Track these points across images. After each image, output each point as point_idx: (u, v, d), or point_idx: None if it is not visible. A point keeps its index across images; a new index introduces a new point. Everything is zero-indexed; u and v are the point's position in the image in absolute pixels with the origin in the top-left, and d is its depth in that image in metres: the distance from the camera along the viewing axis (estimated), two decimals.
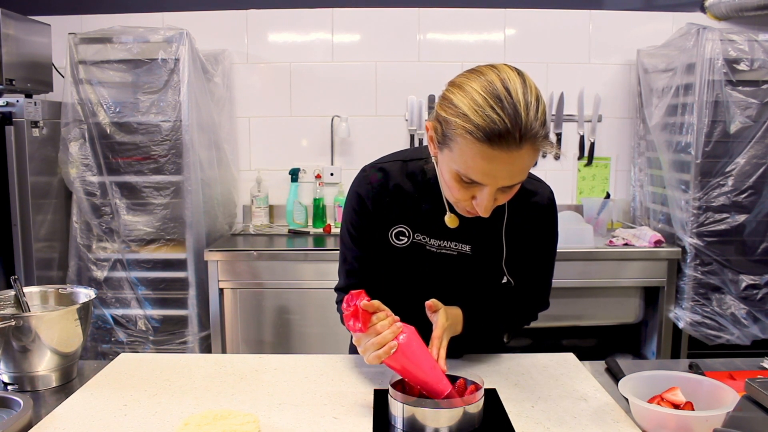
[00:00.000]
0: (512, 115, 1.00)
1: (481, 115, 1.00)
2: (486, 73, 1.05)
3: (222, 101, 3.08)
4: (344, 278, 1.41)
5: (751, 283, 2.63)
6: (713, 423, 0.98)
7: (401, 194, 1.32)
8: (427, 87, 3.22)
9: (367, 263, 1.37)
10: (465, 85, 1.05)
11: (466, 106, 1.02)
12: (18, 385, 1.24)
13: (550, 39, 3.21)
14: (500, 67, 1.06)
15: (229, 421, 1.04)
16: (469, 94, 1.03)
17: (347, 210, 1.37)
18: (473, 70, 1.08)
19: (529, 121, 1.00)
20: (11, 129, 2.54)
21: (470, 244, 1.32)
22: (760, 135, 2.56)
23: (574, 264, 2.66)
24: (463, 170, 1.07)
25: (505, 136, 1.00)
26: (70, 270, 2.78)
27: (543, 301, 1.43)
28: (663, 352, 2.77)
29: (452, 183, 1.12)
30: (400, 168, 1.33)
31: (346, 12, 3.20)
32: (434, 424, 1.05)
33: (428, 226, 1.32)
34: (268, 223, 3.23)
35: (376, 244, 1.34)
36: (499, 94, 1.01)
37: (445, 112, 1.07)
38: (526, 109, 1.01)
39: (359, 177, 1.36)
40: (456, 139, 1.05)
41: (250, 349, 2.76)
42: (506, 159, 1.02)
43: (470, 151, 1.03)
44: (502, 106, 1.00)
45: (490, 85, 1.02)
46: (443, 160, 1.12)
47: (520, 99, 1.01)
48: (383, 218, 1.33)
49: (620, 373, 1.28)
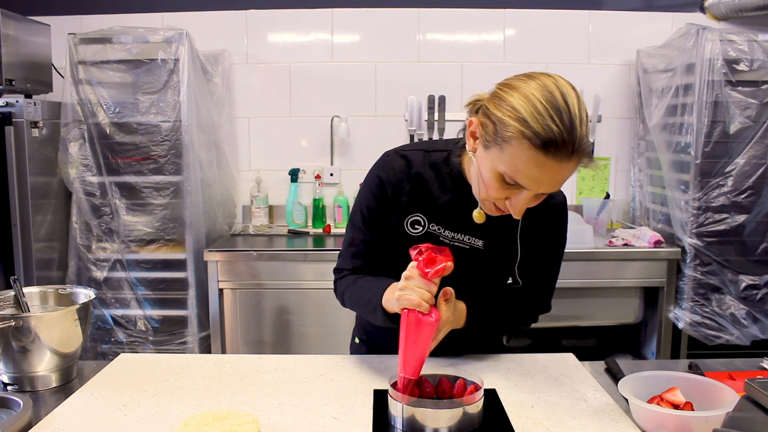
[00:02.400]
0: (569, 128, 1.04)
1: (541, 123, 1.03)
2: (544, 81, 1.08)
3: (221, 101, 3.08)
4: (349, 260, 1.40)
5: (750, 283, 2.63)
6: (713, 423, 0.98)
7: (421, 183, 1.32)
8: (426, 87, 3.22)
9: (375, 248, 1.37)
10: (523, 88, 1.08)
11: (527, 111, 1.05)
12: (18, 386, 1.24)
13: (549, 39, 3.21)
14: (556, 77, 1.09)
15: (229, 422, 1.04)
16: (529, 100, 1.05)
17: (364, 193, 1.37)
18: (529, 75, 1.11)
19: (582, 136, 1.05)
20: (11, 129, 2.54)
21: (483, 240, 1.33)
22: (760, 135, 2.56)
23: (574, 264, 2.66)
24: (510, 172, 1.09)
25: (560, 147, 1.04)
26: (70, 270, 2.78)
27: (545, 304, 1.44)
28: (663, 353, 2.77)
29: (492, 182, 1.13)
30: (422, 157, 1.34)
31: (345, 12, 3.20)
32: (434, 424, 1.05)
33: (444, 217, 1.32)
34: (267, 224, 3.23)
35: (388, 229, 1.34)
36: (559, 105, 1.04)
37: (500, 112, 1.08)
38: (581, 124, 1.05)
39: (381, 161, 1.37)
40: (511, 142, 1.06)
41: (249, 350, 2.76)
42: (556, 168, 1.06)
43: (524, 155, 1.06)
44: (561, 118, 1.04)
45: (550, 95, 1.05)
46: (487, 158, 1.13)
47: (576, 113, 1.05)
48: (401, 205, 1.33)
49: (620, 373, 1.28)
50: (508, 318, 1.41)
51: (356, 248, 1.39)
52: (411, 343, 1.10)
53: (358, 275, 1.38)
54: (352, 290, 1.37)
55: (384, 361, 1.38)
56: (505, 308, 1.39)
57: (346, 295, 1.39)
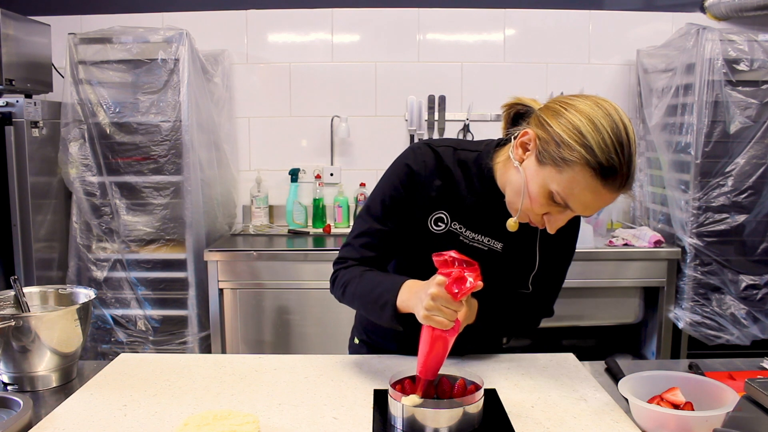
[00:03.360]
0: (627, 163, 1.07)
1: (606, 154, 1.05)
2: (606, 108, 1.09)
3: (222, 101, 3.08)
4: (357, 249, 1.33)
5: (750, 283, 2.63)
6: (713, 423, 0.98)
7: (450, 180, 1.31)
8: (426, 87, 3.22)
9: (389, 240, 1.33)
10: (587, 112, 1.08)
11: (593, 140, 1.06)
12: (18, 386, 1.24)
13: (549, 39, 3.21)
14: (614, 104, 1.11)
15: (229, 422, 1.04)
16: (596, 127, 1.06)
17: (389, 181, 1.32)
18: (588, 97, 1.12)
19: (634, 171, 1.09)
20: (11, 129, 2.54)
21: (503, 243, 1.32)
22: (760, 135, 2.56)
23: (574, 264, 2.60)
24: (564, 194, 1.10)
25: (617, 179, 1.07)
26: (70, 270, 2.78)
27: (549, 308, 1.43)
28: (663, 353, 2.77)
29: (539, 197, 1.13)
30: (452, 154, 1.32)
31: (345, 12, 3.20)
32: (434, 424, 1.05)
33: (468, 217, 1.31)
34: (267, 224, 3.23)
35: (408, 223, 1.32)
36: (622, 139, 1.07)
37: (564, 132, 1.08)
38: (635, 159, 1.10)
39: (413, 151, 1.32)
40: (572, 166, 1.07)
41: (249, 350, 2.76)
42: (607, 197, 1.10)
43: (583, 181, 1.08)
44: (623, 151, 1.06)
45: (615, 126, 1.07)
46: (539, 173, 1.12)
47: (634, 149, 1.08)
48: (428, 200, 1.31)
49: (620, 373, 1.28)
50: (515, 320, 1.41)
51: (369, 238, 1.32)
52: (431, 352, 1.10)
53: (367, 268, 1.31)
54: (358, 282, 1.28)
55: (384, 361, 1.38)
56: (513, 310, 1.38)
57: (348, 287, 1.30)
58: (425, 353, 1.11)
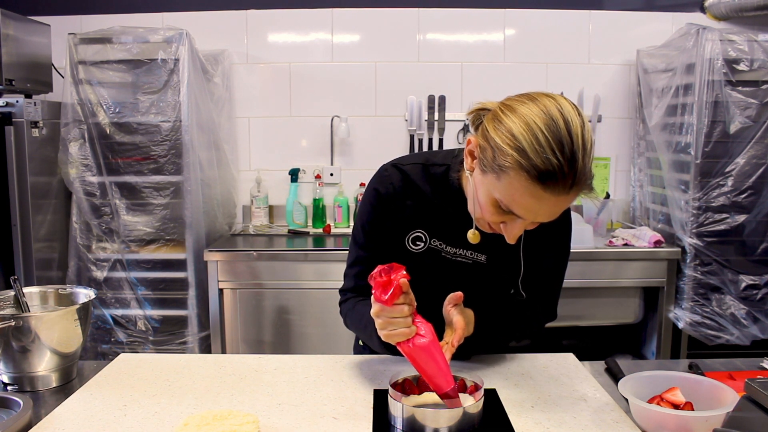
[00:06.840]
0: (570, 162, 0.99)
1: (540, 156, 0.98)
2: (547, 106, 1.01)
3: (221, 101, 3.08)
4: (352, 279, 1.39)
5: (750, 283, 2.63)
6: (713, 423, 0.98)
7: (421, 198, 1.30)
8: (426, 87, 3.22)
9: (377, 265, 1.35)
10: (524, 112, 1.02)
11: (526, 141, 0.99)
12: (18, 386, 1.24)
13: (549, 39, 3.21)
14: (561, 100, 1.03)
15: (229, 422, 1.04)
16: (530, 128, 1.00)
17: (364, 207, 1.35)
18: (532, 97, 1.04)
19: (582, 168, 1.00)
20: (11, 129, 2.54)
21: (486, 254, 1.32)
22: (760, 135, 2.56)
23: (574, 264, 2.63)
24: (506, 201, 1.05)
25: (559, 180, 0.99)
26: (70, 270, 2.78)
27: (551, 312, 1.43)
28: (663, 353, 2.77)
29: (488, 207, 1.10)
30: (421, 171, 1.31)
31: (345, 12, 3.20)
32: (434, 425, 1.05)
33: (445, 232, 1.31)
34: (267, 224, 3.23)
35: (389, 244, 1.33)
36: (562, 137, 0.98)
37: (499, 138, 1.03)
38: (583, 156, 1.00)
39: (380, 175, 1.34)
40: (508, 171, 1.01)
41: (249, 350, 2.76)
42: (553, 201, 1.02)
43: (520, 186, 1.01)
44: (563, 150, 0.98)
45: (553, 124, 0.99)
46: (484, 182, 1.09)
47: (579, 144, 0.99)
48: (401, 220, 1.31)
49: (620, 373, 1.28)
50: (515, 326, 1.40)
51: (359, 267, 1.36)
52: (425, 366, 1.10)
53: (359, 299, 1.37)
54: (351, 315, 1.37)
55: (384, 361, 1.38)
56: (511, 317, 1.38)
57: (347, 320, 1.40)
58: (420, 369, 1.11)
